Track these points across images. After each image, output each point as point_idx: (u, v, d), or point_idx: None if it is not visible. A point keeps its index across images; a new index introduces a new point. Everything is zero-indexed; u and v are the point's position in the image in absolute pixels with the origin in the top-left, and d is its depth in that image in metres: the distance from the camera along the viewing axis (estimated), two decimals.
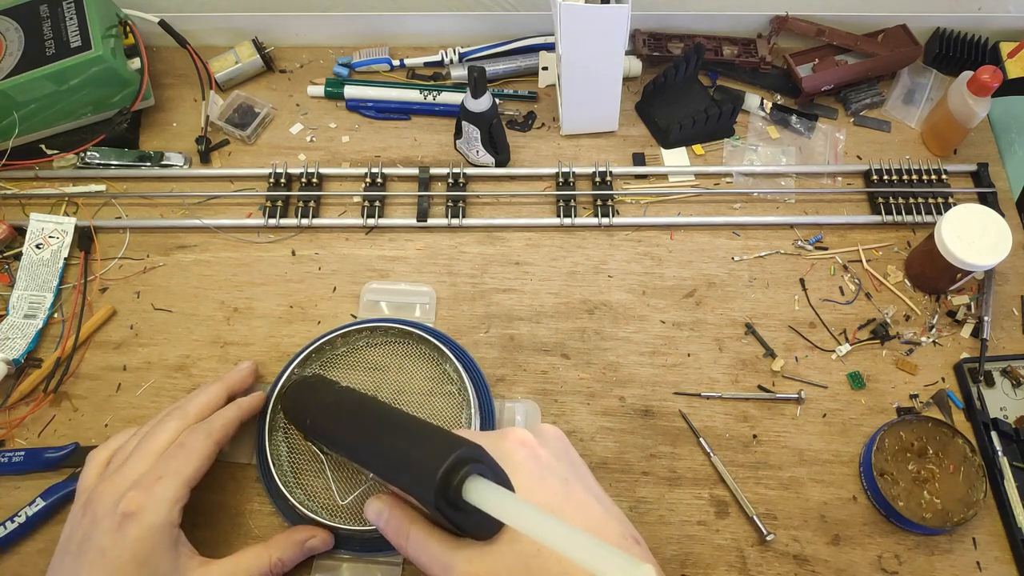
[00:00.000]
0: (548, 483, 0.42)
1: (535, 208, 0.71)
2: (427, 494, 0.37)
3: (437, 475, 0.36)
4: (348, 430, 0.48)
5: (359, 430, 0.47)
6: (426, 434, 0.41)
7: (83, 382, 0.62)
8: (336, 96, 0.77)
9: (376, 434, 0.44)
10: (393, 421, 0.45)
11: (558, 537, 0.31)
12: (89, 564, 0.45)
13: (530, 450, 0.43)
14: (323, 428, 0.51)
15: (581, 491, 0.43)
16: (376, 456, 0.43)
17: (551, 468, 0.43)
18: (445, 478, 0.36)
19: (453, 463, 0.37)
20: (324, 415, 0.51)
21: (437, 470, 0.36)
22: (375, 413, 0.47)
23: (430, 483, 0.36)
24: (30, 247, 0.67)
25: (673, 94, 0.74)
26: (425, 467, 0.37)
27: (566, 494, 0.42)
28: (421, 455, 0.39)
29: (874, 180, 0.70)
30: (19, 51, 0.67)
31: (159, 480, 0.48)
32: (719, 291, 0.66)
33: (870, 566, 0.55)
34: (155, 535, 0.46)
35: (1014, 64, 0.72)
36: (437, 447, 0.38)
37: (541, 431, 0.46)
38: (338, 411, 0.50)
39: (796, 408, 0.61)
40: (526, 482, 0.41)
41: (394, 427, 0.44)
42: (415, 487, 0.39)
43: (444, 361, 0.59)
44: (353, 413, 0.49)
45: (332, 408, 0.51)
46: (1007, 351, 0.63)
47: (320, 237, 0.69)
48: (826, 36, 0.75)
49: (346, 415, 0.49)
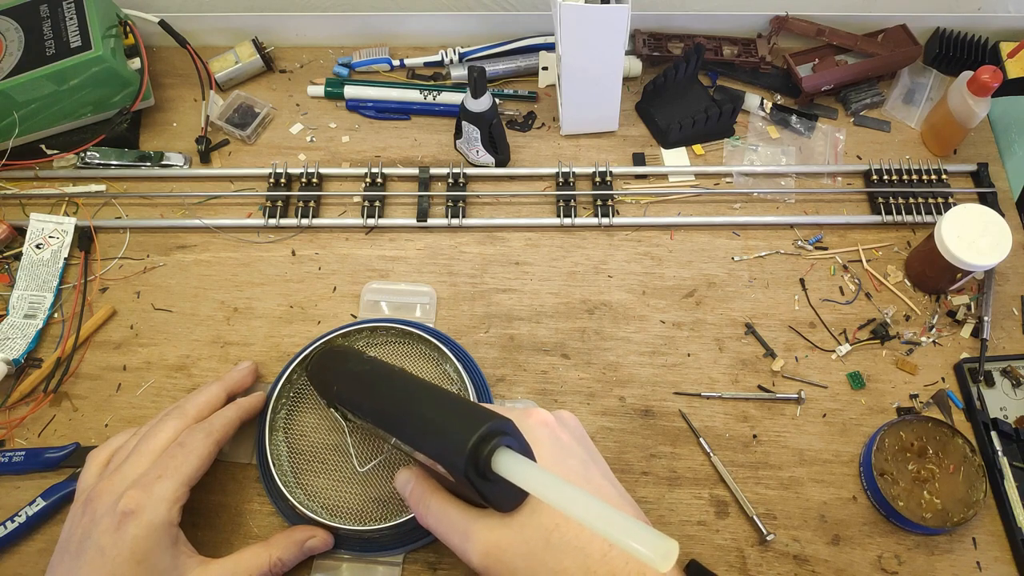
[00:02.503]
0: (568, 464, 0.43)
1: (535, 208, 0.71)
2: (457, 462, 0.37)
3: (468, 444, 0.37)
4: (380, 397, 0.48)
5: (391, 398, 0.47)
6: (458, 405, 0.42)
7: (83, 382, 0.62)
8: (336, 96, 0.77)
9: (408, 402, 0.45)
10: (425, 391, 0.46)
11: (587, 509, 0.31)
12: (88, 563, 0.45)
13: (551, 430, 0.44)
14: (352, 394, 0.51)
15: (599, 475, 0.44)
16: (408, 423, 0.44)
17: (571, 450, 0.44)
18: (476, 447, 0.37)
19: (484, 434, 0.37)
20: (354, 382, 0.51)
21: (468, 439, 0.37)
22: (408, 383, 0.48)
23: (460, 452, 0.37)
24: (30, 247, 0.67)
25: (673, 94, 0.74)
26: (456, 436, 0.38)
27: (585, 476, 0.43)
28: (453, 424, 0.39)
29: (874, 180, 0.70)
30: (19, 51, 0.67)
31: (159, 479, 0.48)
32: (719, 291, 0.66)
33: (870, 566, 0.55)
34: (154, 534, 0.46)
35: (1014, 64, 0.72)
36: (469, 418, 0.39)
37: (560, 415, 0.47)
38: (369, 378, 0.50)
39: (796, 408, 0.61)
40: (547, 460, 0.42)
41: (427, 397, 0.45)
42: (445, 455, 0.39)
43: (444, 361, 0.59)
44: (386, 381, 0.49)
45: (363, 375, 0.51)
46: (1007, 351, 0.63)
47: (320, 237, 0.69)
48: (826, 36, 0.75)
49: (378, 382, 0.49)
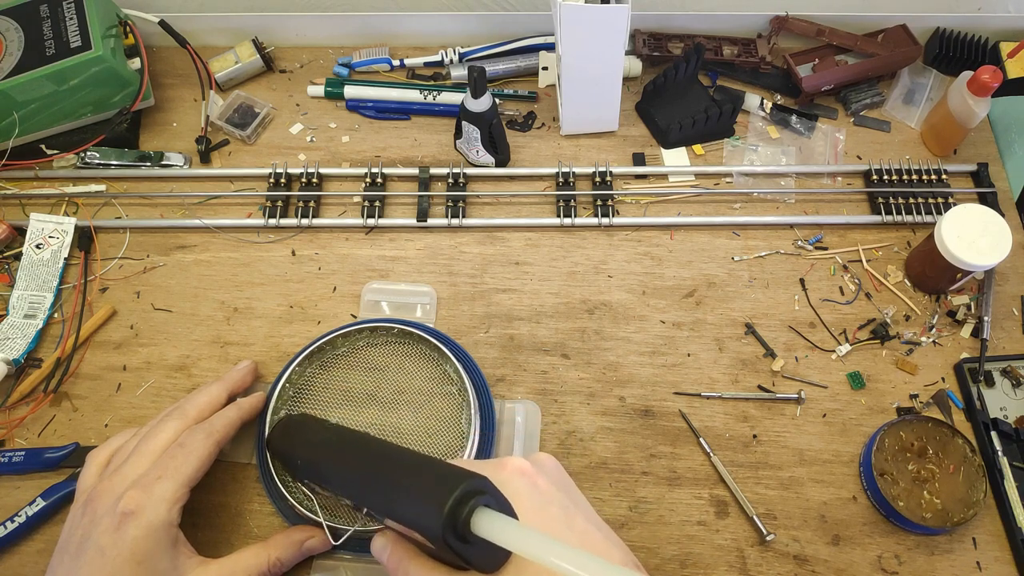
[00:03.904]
0: (550, 512, 0.41)
1: (535, 208, 0.71)
2: (433, 528, 0.35)
3: (445, 508, 0.35)
4: (343, 466, 0.46)
5: (356, 466, 0.45)
6: (428, 468, 0.40)
7: (83, 382, 0.62)
8: (336, 96, 0.77)
9: (374, 469, 0.43)
10: (390, 455, 0.44)
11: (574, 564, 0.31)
12: (87, 563, 0.45)
13: (529, 479, 0.42)
14: (316, 466, 0.49)
15: (582, 520, 0.42)
16: (376, 492, 0.42)
17: (551, 497, 0.42)
18: (453, 511, 0.35)
19: (460, 496, 0.35)
20: (316, 452, 0.49)
21: (444, 504, 0.35)
22: (371, 448, 0.46)
23: (436, 517, 0.35)
24: (30, 247, 0.67)
25: (673, 94, 0.74)
26: (431, 502, 0.36)
27: (568, 523, 0.41)
28: (426, 489, 0.38)
29: (874, 180, 0.70)
30: (19, 51, 0.67)
31: (159, 480, 0.48)
32: (719, 291, 0.66)
33: (870, 566, 0.55)
34: (154, 534, 0.46)
35: (1014, 64, 0.72)
36: (442, 480, 0.37)
37: (537, 460, 0.45)
38: (331, 447, 0.48)
39: (796, 408, 0.61)
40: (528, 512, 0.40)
41: (393, 461, 0.43)
42: (420, 521, 0.37)
43: (444, 361, 0.59)
44: (348, 449, 0.47)
45: (324, 445, 0.49)
46: (1007, 351, 0.63)
47: (320, 237, 0.69)
48: (826, 36, 0.75)
49: (340, 451, 0.47)
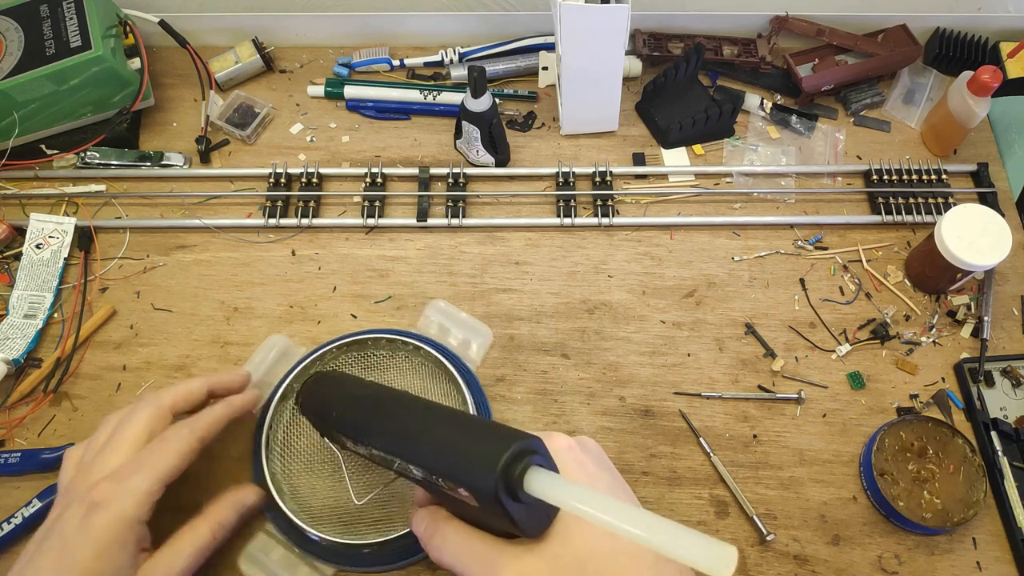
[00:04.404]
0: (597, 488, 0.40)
1: (535, 208, 0.71)
2: (487, 485, 0.35)
3: (499, 464, 0.34)
4: (390, 419, 0.44)
5: (403, 419, 0.43)
6: (479, 425, 0.39)
7: (83, 382, 0.62)
8: (336, 96, 0.77)
9: (421, 425, 0.42)
10: (440, 411, 0.43)
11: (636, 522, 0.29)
12: (48, 550, 0.44)
13: (575, 455, 0.42)
14: (356, 419, 0.47)
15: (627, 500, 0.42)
16: (423, 447, 0.40)
17: (596, 476, 0.42)
18: (507, 468, 0.34)
19: (515, 452, 0.35)
20: (357, 405, 0.47)
21: (499, 459, 0.34)
22: (419, 404, 0.45)
23: (490, 473, 0.34)
24: (30, 247, 0.67)
25: (673, 94, 0.74)
26: (484, 457, 0.35)
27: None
28: (478, 445, 0.37)
29: (874, 180, 0.70)
30: (19, 51, 0.67)
31: (134, 473, 0.46)
32: (719, 291, 0.66)
33: (870, 566, 0.55)
34: (119, 527, 0.44)
35: (1014, 64, 0.72)
36: (495, 437, 0.36)
37: (582, 441, 0.45)
38: (374, 401, 0.47)
39: (796, 408, 0.61)
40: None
41: (442, 418, 0.42)
42: (472, 477, 0.36)
43: (450, 380, 0.58)
44: (391, 403, 0.46)
45: (366, 399, 0.48)
46: (1007, 351, 0.63)
47: (320, 237, 0.69)
48: (826, 36, 0.75)
49: (385, 404, 0.46)
